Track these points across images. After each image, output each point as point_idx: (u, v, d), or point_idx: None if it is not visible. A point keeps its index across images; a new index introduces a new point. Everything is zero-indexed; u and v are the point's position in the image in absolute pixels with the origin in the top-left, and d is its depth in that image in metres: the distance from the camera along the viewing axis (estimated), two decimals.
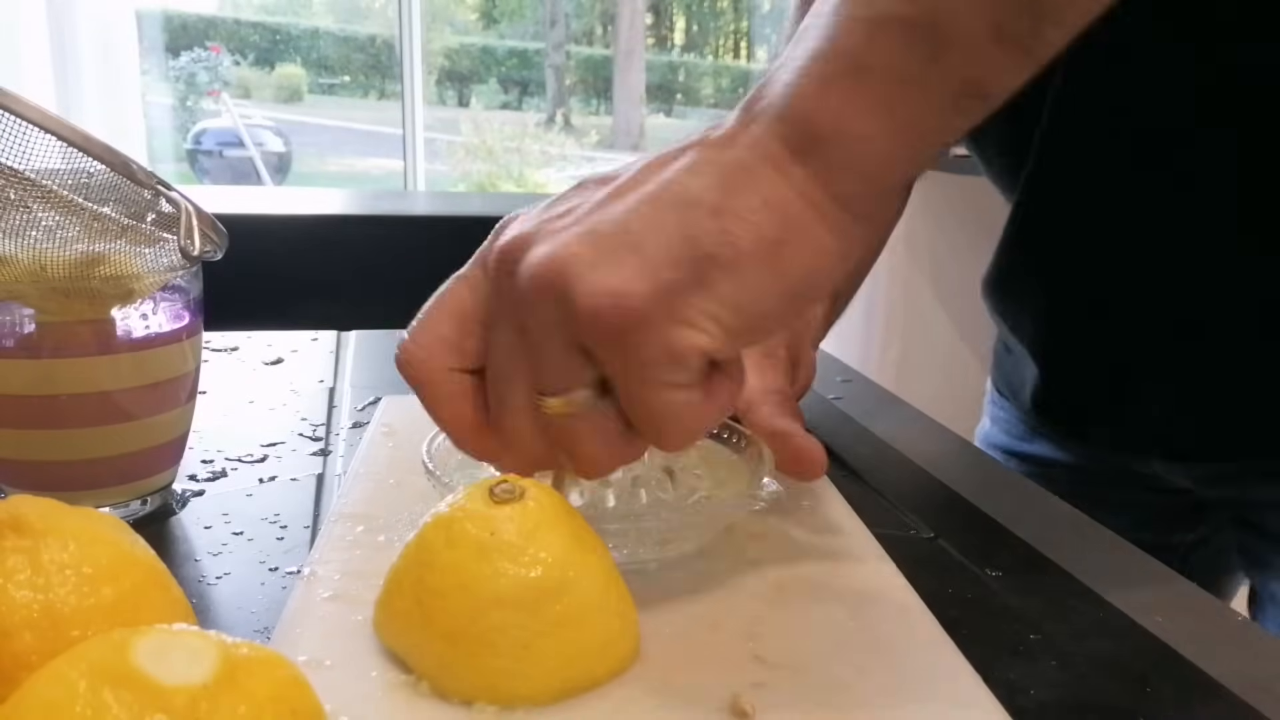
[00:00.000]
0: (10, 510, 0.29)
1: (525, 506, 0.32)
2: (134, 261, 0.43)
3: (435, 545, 0.32)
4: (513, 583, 0.31)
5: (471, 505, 0.32)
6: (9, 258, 0.40)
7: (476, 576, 0.31)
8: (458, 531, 0.32)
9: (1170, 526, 0.66)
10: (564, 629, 0.31)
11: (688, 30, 5.07)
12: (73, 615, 0.28)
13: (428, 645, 0.32)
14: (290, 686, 0.25)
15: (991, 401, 0.74)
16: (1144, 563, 0.46)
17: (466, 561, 0.31)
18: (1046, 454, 0.68)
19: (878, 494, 0.51)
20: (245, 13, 4.37)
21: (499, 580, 0.31)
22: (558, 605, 0.31)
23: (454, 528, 0.32)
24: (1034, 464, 0.69)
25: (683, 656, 0.34)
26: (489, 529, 0.32)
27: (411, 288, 0.38)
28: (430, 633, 0.31)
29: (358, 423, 0.59)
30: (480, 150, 4.51)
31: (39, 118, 0.40)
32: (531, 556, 0.31)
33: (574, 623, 0.31)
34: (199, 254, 0.44)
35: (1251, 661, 0.38)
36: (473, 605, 0.31)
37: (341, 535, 0.42)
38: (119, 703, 0.22)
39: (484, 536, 0.31)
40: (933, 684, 0.34)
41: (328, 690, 0.27)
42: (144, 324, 0.44)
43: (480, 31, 4.76)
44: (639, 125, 4.76)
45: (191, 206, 0.44)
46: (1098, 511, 0.50)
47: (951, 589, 0.41)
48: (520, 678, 0.31)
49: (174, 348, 0.45)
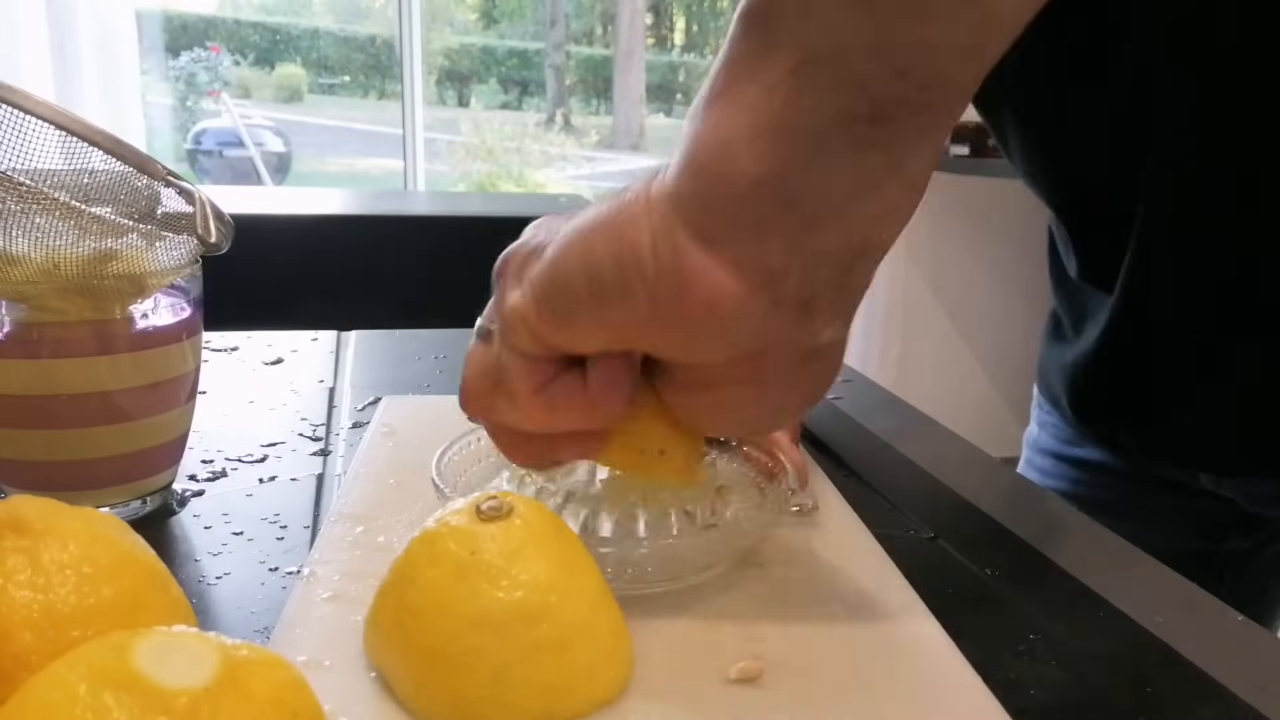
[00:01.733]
0: (10, 510, 0.29)
1: (511, 525, 0.31)
2: (146, 257, 0.43)
3: (418, 562, 0.31)
4: (490, 605, 0.30)
5: (456, 522, 0.32)
6: (21, 257, 0.40)
7: (454, 596, 0.30)
8: (440, 549, 0.31)
9: (1223, 534, 0.64)
10: (543, 654, 0.30)
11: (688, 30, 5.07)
12: (73, 615, 0.28)
13: (405, 665, 0.31)
14: (290, 688, 0.25)
15: (1038, 406, 0.73)
16: (1144, 563, 0.46)
17: (445, 580, 0.30)
18: (1096, 458, 0.67)
19: (878, 494, 0.51)
20: (245, 13, 4.37)
21: (476, 601, 0.30)
22: (536, 630, 0.30)
23: (436, 544, 0.31)
24: (1083, 469, 0.67)
25: (681, 658, 0.34)
26: (470, 547, 0.31)
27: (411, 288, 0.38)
28: (408, 652, 0.31)
29: (358, 423, 0.59)
30: (480, 150, 4.51)
31: (48, 113, 0.40)
32: (512, 578, 0.30)
33: (554, 648, 0.30)
34: (215, 242, 0.44)
35: (1251, 661, 0.37)
36: (448, 626, 0.30)
37: (341, 535, 0.42)
38: (120, 706, 0.22)
39: (464, 555, 0.30)
40: (933, 684, 0.34)
41: (327, 691, 0.27)
42: (144, 323, 0.44)
43: (480, 31, 4.76)
44: (639, 125, 4.76)
45: (204, 196, 0.44)
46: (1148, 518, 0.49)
47: (951, 589, 0.41)
48: (494, 703, 0.30)
49: (174, 348, 0.45)
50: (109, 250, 0.42)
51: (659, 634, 0.36)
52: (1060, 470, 0.69)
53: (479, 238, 1.37)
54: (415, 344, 0.76)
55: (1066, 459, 0.69)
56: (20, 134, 0.40)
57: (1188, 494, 0.63)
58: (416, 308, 1.24)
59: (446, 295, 1.32)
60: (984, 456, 0.58)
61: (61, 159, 0.41)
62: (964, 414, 2.10)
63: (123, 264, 0.42)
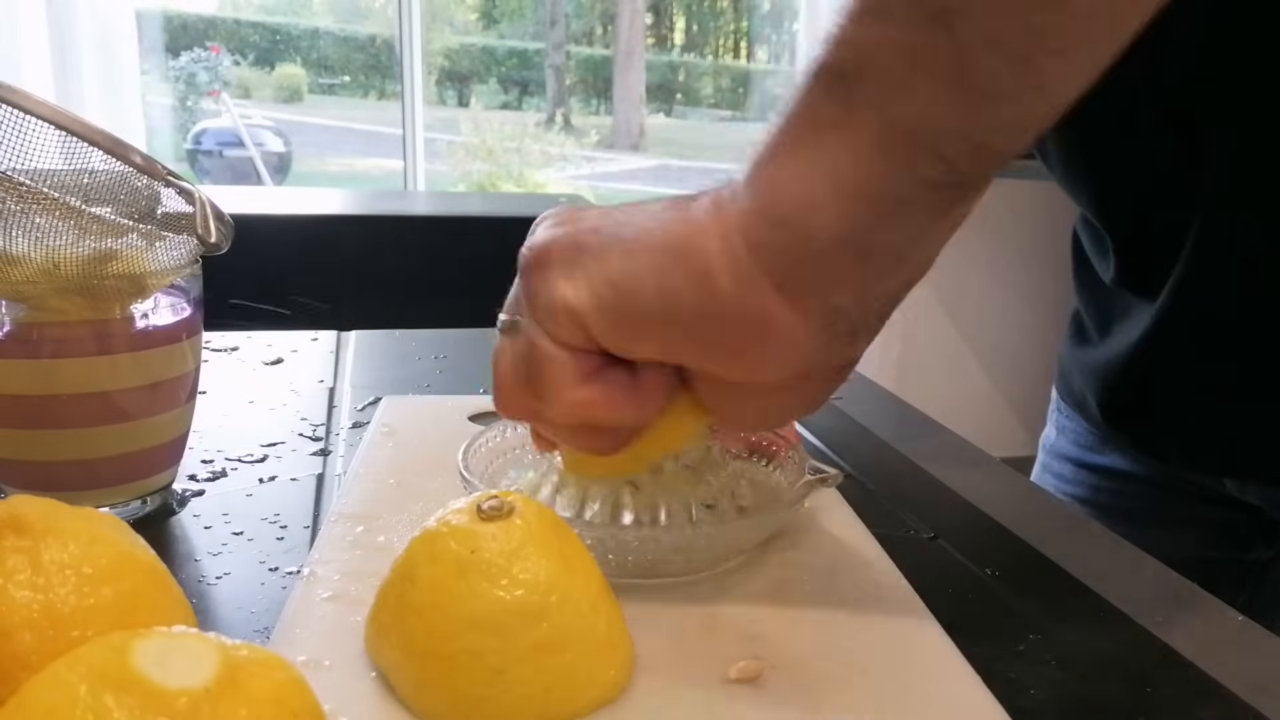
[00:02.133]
0: (10, 510, 0.29)
1: (511, 524, 0.31)
2: (146, 257, 0.43)
3: (419, 561, 0.31)
4: (489, 604, 0.30)
5: (458, 520, 0.32)
6: (21, 257, 0.40)
7: (453, 596, 0.30)
8: (440, 548, 0.31)
9: (1246, 543, 0.63)
10: (541, 655, 0.30)
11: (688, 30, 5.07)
12: (73, 615, 0.28)
13: (405, 664, 0.31)
14: (290, 688, 0.25)
15: (1057, 410, 0.72)
16: (1144, 562, 0.46)
17: (445, 579, 0.30)
18: (1119, 466, 0.66)
19: (878, 494, 0.51)
20: (245, 13, 4.37)
21: (475, 601, 0.30)
22: (536, 630, 0.30)
23: (437, 543, 0.31)
24: (1105, 475, 0.66)
25: (681, 657, 0.34)
26: (470, 546, 0.31)
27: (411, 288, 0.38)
28: (408, 651, 0.31)
29: (358, 423, 0.59)
30: (480, 150, 4.50)
31: (48, 113, 0.40)
32: (512, 578, 0.30)
33: (553, 649, 0.30)
34: (215, 242, 0.44)
35: (1251, 661, 0.38)
36: (447, 625, 0.30)
37: (341, 535, 0.42)
38: (121, 707, 0.22)
39: (464, 554, 0.30)
40: (932, 684, 0.34)
41: (327, 690, 0.27)
42: (144, 323, 0.44)
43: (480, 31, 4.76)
44: (639, 125, 4.76)
45: (205, 196, 0.44)
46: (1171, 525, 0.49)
47: (951, 589, 0.41)
48: (494, 703, 0.30)
49: (174, 347, 0.45)
50: (109, 250, 0.42)
51: (659, 634, 0.36)
52: (1080, 477, 0.68)
53: (479, 238, 1.37)
54: (415, 344, 0.76)
55: (1088, 465, 0.68)
56: (20, 134, 0.40)
57: (1211, 501, 0.62)
58: (417, 308, 1.24)
59: (446, 295, 1.32)
60: (984, 456, 0.58)
61: (61, 159, 0.41)
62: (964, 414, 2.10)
63: (123, 264, 0.42)
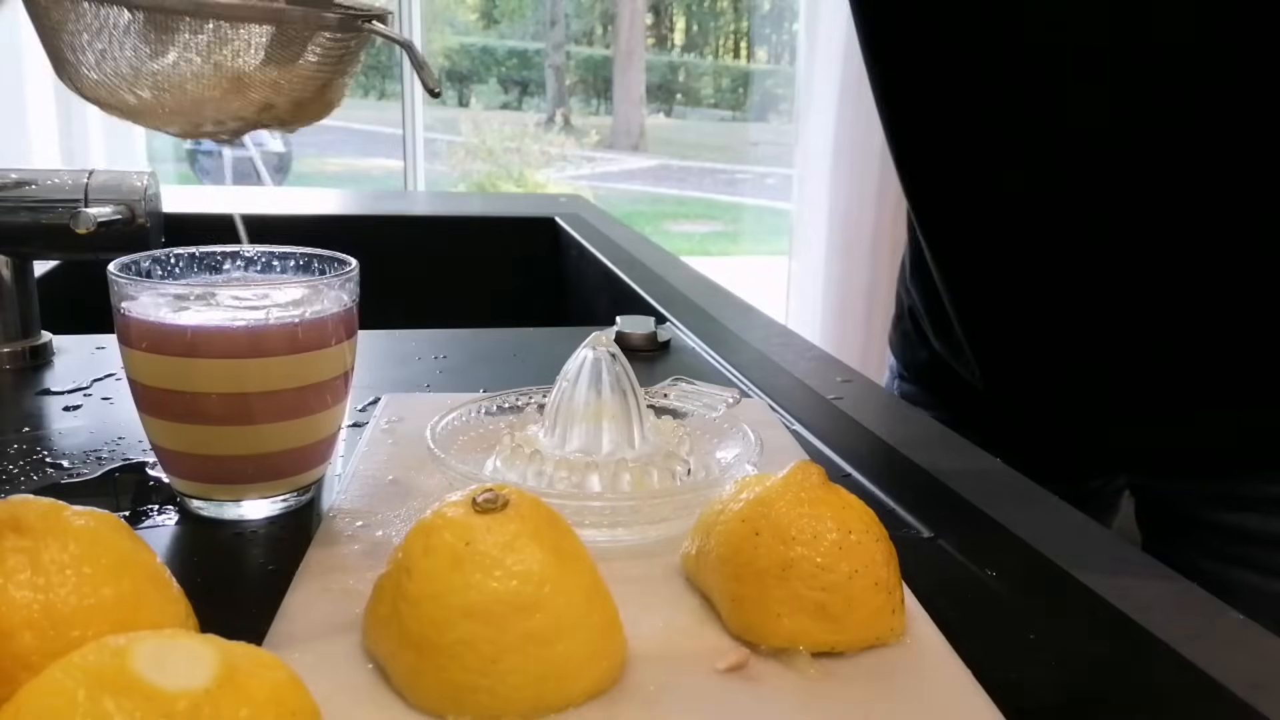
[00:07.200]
0: (10, 510, 0.29)
1: (506, 517, 0.32)
2: None
3: (415, 552, 0.32)
4: (483, 595, 0.30)
5: (453, 513, 0.32)
6: None
7: (448, 587, 0.30)
8: (435, 540, 0.31)
9: (1085, 474, 0.72)
10: (535, 645, 0.30)
11: (688, 30, 5.07)
12: (73, 615, 0.28)
13: (400, 654, 0.31)
14: (288, 688, 0.25)
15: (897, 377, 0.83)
16: (1144, 562, 0.46)
17: (440, 570, 0.31)
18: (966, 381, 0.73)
19: (878, 494, 0.51)
20: None
21: (469, 592, 0.30)
22: (530, 621, 0.30)
23: (433, 535, 0.32)
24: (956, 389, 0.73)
25: (673, 649, 0.34)
26: (465, 538, 0.31)
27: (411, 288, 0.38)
28: (403, 641, 0.31)
29: (357, 422, 0.59)
30: (480, 150, 4.51)
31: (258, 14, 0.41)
32: (506, 569, 0.30)
33: (547, 639, 0.30)
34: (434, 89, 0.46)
35: (1251, 661, 0.38)
36: (442, 616, 0.30)
37: (340, 531, 0.42)
38: (121, 711, 0.22)
39: (459, 546, 0.31)
40: (932, 684, 0.34)
41: (325, 684, 0.28)
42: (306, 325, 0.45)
43: (480, 31, 4.76)
44: (639, 125, 4.76)
45: None
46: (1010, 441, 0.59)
47: (951, 589, 0.41)
48: (487, 693, 0.30)
49: (337, 348, 0.46)
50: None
51: (651, 625, 0.36)
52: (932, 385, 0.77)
53: (479, 238, 1.37)
54: (415, 344, 0.76)
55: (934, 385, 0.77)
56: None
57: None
58: (417, 308, 1.24)
59: (446, 295, 1.33)
60: (984, 456, 0.58)
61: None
62: None
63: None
